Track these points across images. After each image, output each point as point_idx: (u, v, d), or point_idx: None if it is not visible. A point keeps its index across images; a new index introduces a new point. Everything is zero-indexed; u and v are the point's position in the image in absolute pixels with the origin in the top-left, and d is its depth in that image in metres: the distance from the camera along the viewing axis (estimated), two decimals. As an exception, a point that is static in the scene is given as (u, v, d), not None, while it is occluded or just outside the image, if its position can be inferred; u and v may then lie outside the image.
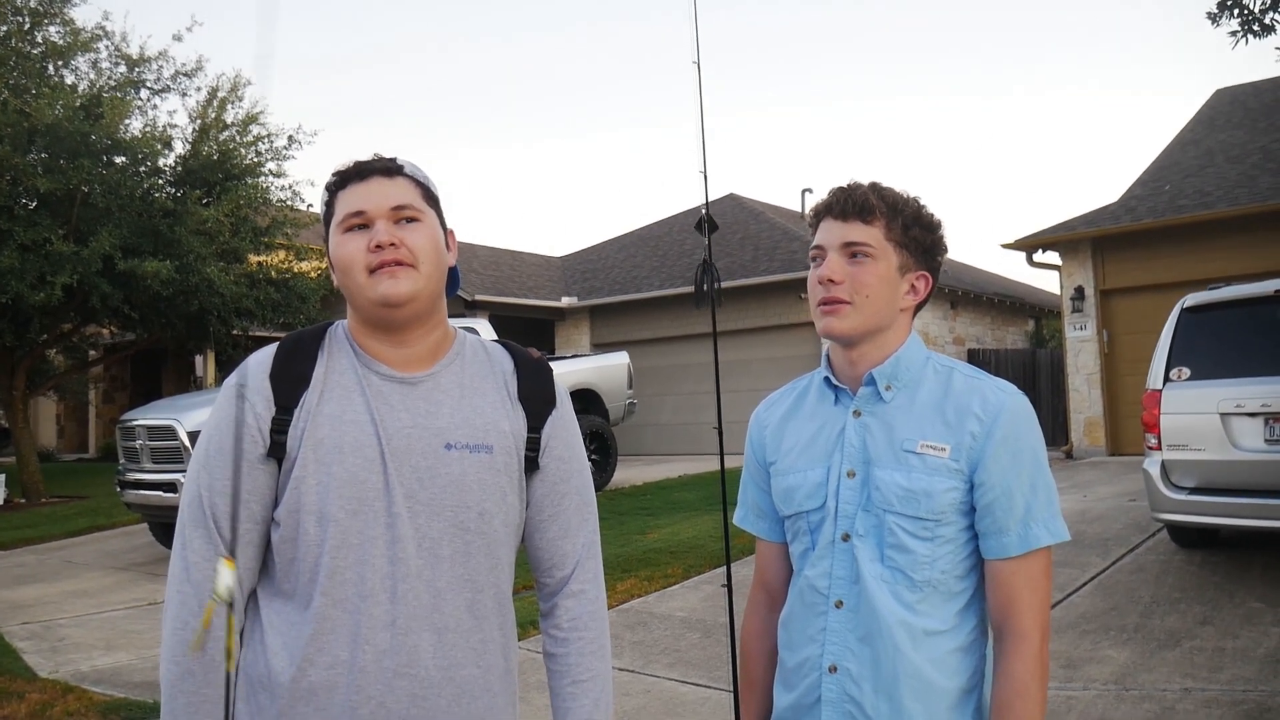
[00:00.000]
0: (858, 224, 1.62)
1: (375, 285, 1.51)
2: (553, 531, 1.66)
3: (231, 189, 13.98)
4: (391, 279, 1.50)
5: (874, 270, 1.61)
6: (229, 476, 1.48)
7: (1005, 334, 19.31)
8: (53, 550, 10.46)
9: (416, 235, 1.54)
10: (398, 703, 1.46)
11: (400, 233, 1.52)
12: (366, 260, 1.51)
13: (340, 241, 1.55)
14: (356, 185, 1.55)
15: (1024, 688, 1.51)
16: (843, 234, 1.62)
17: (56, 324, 14.93)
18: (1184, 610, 5.70)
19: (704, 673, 5.19)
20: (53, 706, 5.00)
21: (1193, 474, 6.18)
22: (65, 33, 13.82)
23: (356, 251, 1.52)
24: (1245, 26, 9.20)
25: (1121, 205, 14.04)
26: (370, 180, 1.55)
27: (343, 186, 1.57)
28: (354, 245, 1.53)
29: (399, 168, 1.58)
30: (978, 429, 1.57)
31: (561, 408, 1.67)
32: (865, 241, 1.61)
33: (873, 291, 1.61)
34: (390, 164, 1.58)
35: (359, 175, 1.56)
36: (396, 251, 1.51)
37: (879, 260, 1.61)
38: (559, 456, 1.66)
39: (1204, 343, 6.41)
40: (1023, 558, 1.55)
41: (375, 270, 1.50)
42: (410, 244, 1.52)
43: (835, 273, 1.61)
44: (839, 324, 1.62)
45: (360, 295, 1.53)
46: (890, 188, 1.66)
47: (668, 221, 21.96)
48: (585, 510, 1.70)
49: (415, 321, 1.56)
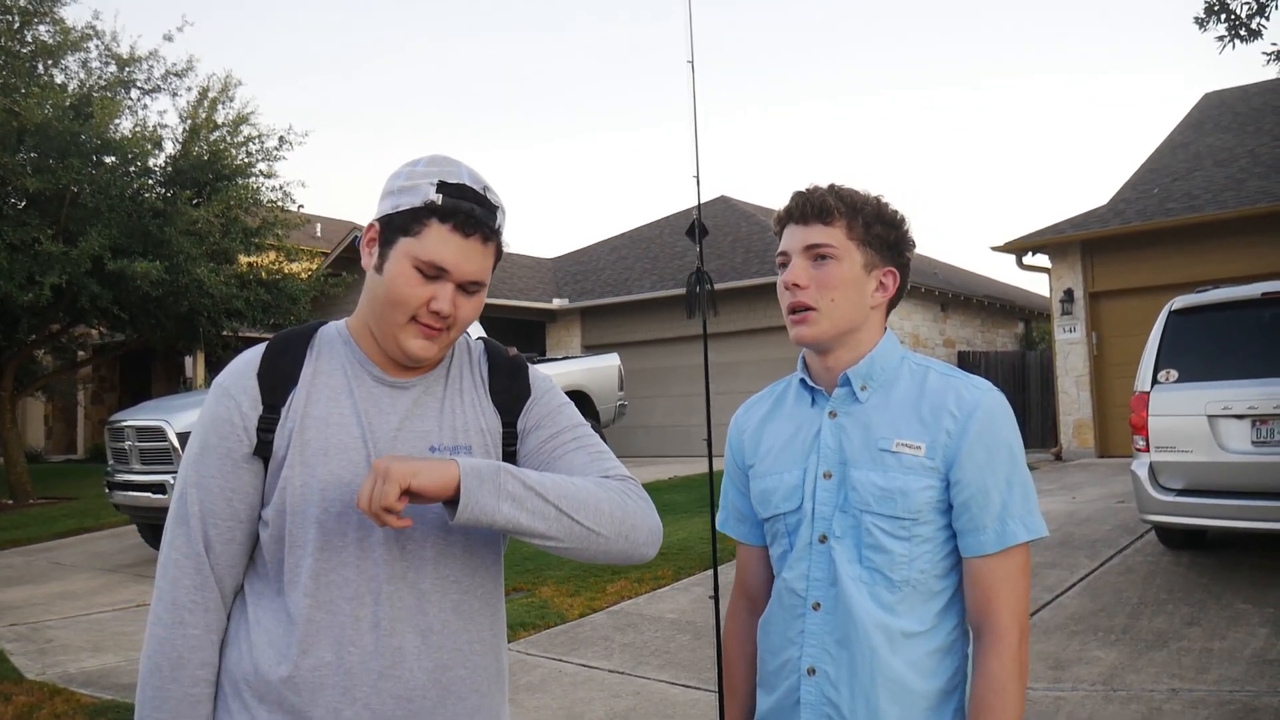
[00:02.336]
0: (818, 226, 1.63)
1: (409, 339, 1.49)
2: (579, 459, 1.59)
3: (222, 189, 13.96)
4: (428, 341, 1.50)
5: (838, 271, 1.62)
6: (213, 475, 1.49)
7: (995, 336, 19.36)
8: (40, 552, 10.42)
9: (470, 306, 1.52)
10: (383, 704, 1.46)
11: (459, 300, 1.50)
12: (419, 314, 1.48)
13: (407, 275, 1.47)
14: (455, 234, 1.46)
15: (1001, 686, 1.51)
16: (804, 237, 1.63)
17: (45, 324, 14.88)
18: (1171, 611, 5.72)
19: (694, 674, 5.20)
20: (40, 709, 4.98)
21: (1180, 476, 6.21)
22: (55, 32, 13.79)
23: (414, 298, 1.47)
24: (1232, 31, 9.26)
25: (1110, 208, 14.09)
26: (472, 239, 1.47)
27: (444, 220, 1.46)
28: (416, 291, 1.46)
29: (497, 231, 1.52)
30: (952, 426, 1.57)
31: (536, 394, 1.64)
32: (826, 242, 1.62)
33: (838, 293, 1.62)
34: (494, 226, 1.51)
35: (465, 227, 1.47)
36: (446, 321, 1.49)
37: (843, 260, 1.62)
38: (540, 423, 1.61)
39: (1192, 345, 6.44)
40: (1000, 555, 1.55)
41: (419, 324, 1.49)
42: (461, 316, 1.51)
43: (799, 277, 1.63)
44: (808, 331, 1.63)
45: (390, 333, 1.50)
46: (850, 188, 1.66)
47: (659, 224, 21.96)
48: (590, 441, 1.62)
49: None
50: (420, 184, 1.47)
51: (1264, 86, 16.72)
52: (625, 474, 1.58)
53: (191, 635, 1.47)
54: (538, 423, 1.62)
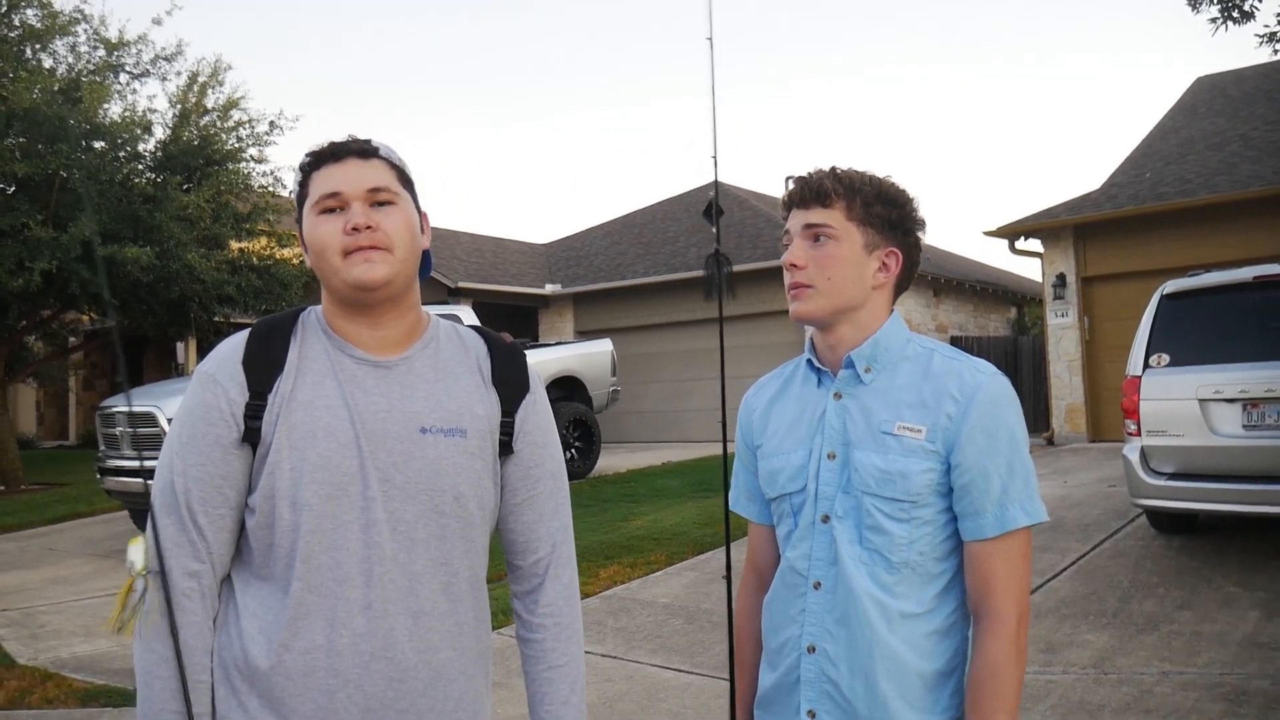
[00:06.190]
0: (817, 208, 1.64)
1: (350, 269, 1.49)
2: (528, 516, 1.66)
3: (212, 175, 13.90)
4: (367, 263, 1.49)
5: (836, 250, 1.63)
6: (202, 462, 1.48)
7: (988, 321, 19.38)
8: (33, 537, 10.41)
9: (392, 218, 1.53)
10: (375, 686, 1.46)
11: (376, 216, 1.51)
12: (342, 243, 1.50)
13: (315, 223, 1.53)
14: (331, 167, 1.54)
15: (998, 668, 1.51)
16: (804, 218, 1.65)
17: (36, 310, 14.82)
18: (1162, 595, 5.75)
19: (686, 658, 5.21)
20: (31, 693, 4.98)
21: (1172, 460, 6.22)
22: (43, 16, 13.65)
23: (332, 234, 1.51)
24: (1225, 13, 9.26)
25: (1103, 193, 14.10)
26: (345, 162, 1.54)
27: (317, 168, 1.55)
28: (329, 227, 1.51)
29: (374, 149, 1.57)
30: (954, 410, 1.57)
31: (535, 392, 1.68)
32: (825, 223, 1.63)
33: (835, 272, 1.62)
34: (365, 145, 1.57)
35: (334, 156, 1.54)
36: (372, 235, 1.50)
37: (841, 240, 1.63)
38: (533, 441, 1.66)
39: (1184, 329, 6.45)
40: (1000, 539, 1.55)
41: (351, 253, 1.49)
42: (386, 227, 1.51)
43: (798, 257, 1.64)
44: (803, 307, 1.65)
45: (335, 278, 1.51)
46: (851, 169, 1.67)
47: (652, 209, 21.93)
48: (559, 495, 1.70)
49: (389, 304, 1.55)
50: (298, 168, 1.60)
51: (1256, 70, 16.73)
52: (569, 534, 1.71)
53: (194, 623, 1.46)
54: (530, 430, 1.65)
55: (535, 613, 1.66)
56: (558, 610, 1.66)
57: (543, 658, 1.65)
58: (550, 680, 1.64)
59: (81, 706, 4.84)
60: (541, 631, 1.65)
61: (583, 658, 1.69)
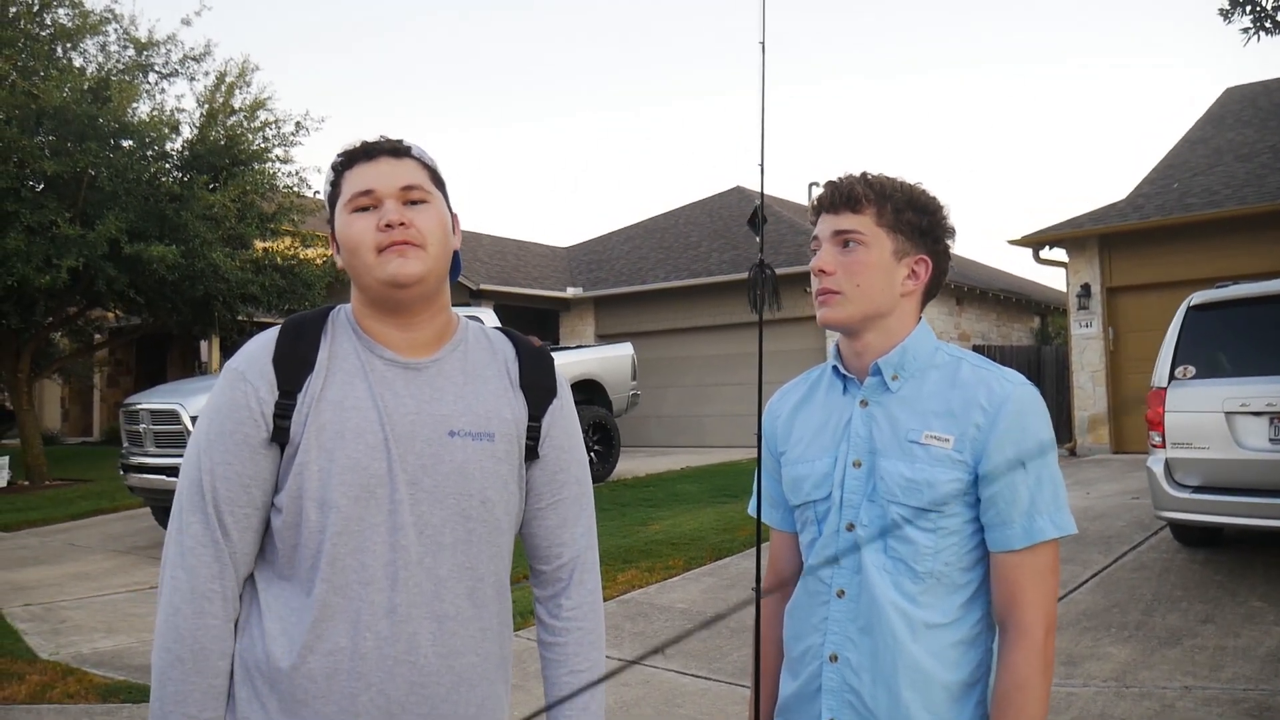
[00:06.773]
0: (847, 214, 1.63)
1: (384, 265, 1.49)
2: (551, 520, 1.66)
3: (238, 174, 13.98)
4: (401, 259, 1.49)
5: (865, 257, 1.61)
6: (229, 461, 1.47)
7: (1011, 330, 19.27)
8: (55, 533, 10.49)
9: (425, 216, 1.53)
10: (397, 690, 1.45)
11: (409, 213, 1.52)
12: (376, 240, 1.50)
13: (348, 221, 1.53)
14: (364, 165, 1.55)
15: (1024, 680, 1.49)
16: (834, 224, 1.64)
17: (62, 307, 14.95)
18: (1185, 609, 5.69)
19: (704, 664, 5.19)
20: (53, 688, 5.01)
21: (1197, 473, 6.16)
22: (74, 15, 13.81)
23: (365, 231, 1.51)
24: (1257, 23, 9.17)
25: (1129, 203, 13.99)
26: (378, 160, 1.55)
27: (349, 166, 1.56)
28: (362, 224, 1.51)
29: (407, 149, 1.58)
30: (982, 420, 1.55)
31: (562, 397, 1.67)
32: (854, 229, 1.62)
33: (863, 278, 1.61)
34: (398, 145, 1.58)
35: (366, 155, 1.56)
36: (406, 232, 1.50)
37: (871, 247, 1.62)
38: (559, 445, 1.65)
39: (1210, 341, 6.40)
40: (1027, 551, 1.53)
41: (384, 250, 1.49)
42: (419, 225, 1.52)
43: (827, 263, 1.63)
44: (831, 314, 1.64)
45: (368, 275, 1.51)
46: (882, 175, 1.66)
47: (674, 214, 21.94)
48: (583, 500, 1.70)
49: (421, 303, 1.55)
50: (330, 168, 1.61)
51: (1286, 81, 16.56)
52: (593, 539, 1.71)
53: (212, 625, 1.45)
54: (556, 435, 1.65)
55: (559, 617, 1.66)
56: (581, 615, 1.66)
57: (564, 662, 1.64)
58: (571, 685, 1.63)
59: (102, 702, 4.86)
60: (564, 636, 1.65)
61: (604, 663, 1.68)
